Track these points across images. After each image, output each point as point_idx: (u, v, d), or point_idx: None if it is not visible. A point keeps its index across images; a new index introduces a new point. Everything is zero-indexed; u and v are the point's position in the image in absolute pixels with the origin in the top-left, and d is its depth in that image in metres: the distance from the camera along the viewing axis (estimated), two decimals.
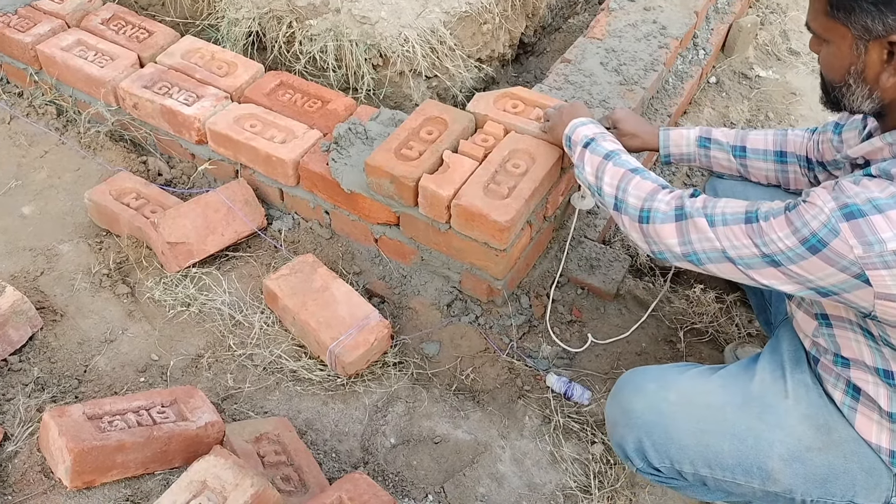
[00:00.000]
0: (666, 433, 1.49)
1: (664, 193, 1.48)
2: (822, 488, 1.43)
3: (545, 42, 3.20)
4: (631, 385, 1.56)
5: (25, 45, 2.51)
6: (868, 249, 1.17)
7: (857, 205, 1.19)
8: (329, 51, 2.48)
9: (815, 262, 1.23)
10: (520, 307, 2.12)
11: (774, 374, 1.52)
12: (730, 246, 1.35)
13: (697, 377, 1.55)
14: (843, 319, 1.40)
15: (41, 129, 2.55)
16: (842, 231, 1.19)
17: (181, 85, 2.36)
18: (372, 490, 1.56)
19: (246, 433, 1.73)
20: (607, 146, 1.65)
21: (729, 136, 1.80)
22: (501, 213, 1.85)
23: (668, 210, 1.45)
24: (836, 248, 1.20)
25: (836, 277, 1.23)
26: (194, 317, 2.07)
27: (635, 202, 1.50)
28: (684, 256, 1.43)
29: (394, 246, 2.16)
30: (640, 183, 1.52)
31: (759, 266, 1.32)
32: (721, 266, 1.39)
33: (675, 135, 1.85)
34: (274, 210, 2.34)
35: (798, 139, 1.74)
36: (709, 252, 1.39)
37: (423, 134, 2.05)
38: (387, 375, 1.99)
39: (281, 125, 2.23)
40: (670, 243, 1.44)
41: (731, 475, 1.47)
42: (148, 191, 2.27)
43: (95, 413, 1.61)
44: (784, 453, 1.43)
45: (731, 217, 1.36)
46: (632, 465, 1.57)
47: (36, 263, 2.17)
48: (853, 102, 1.32)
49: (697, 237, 1.40)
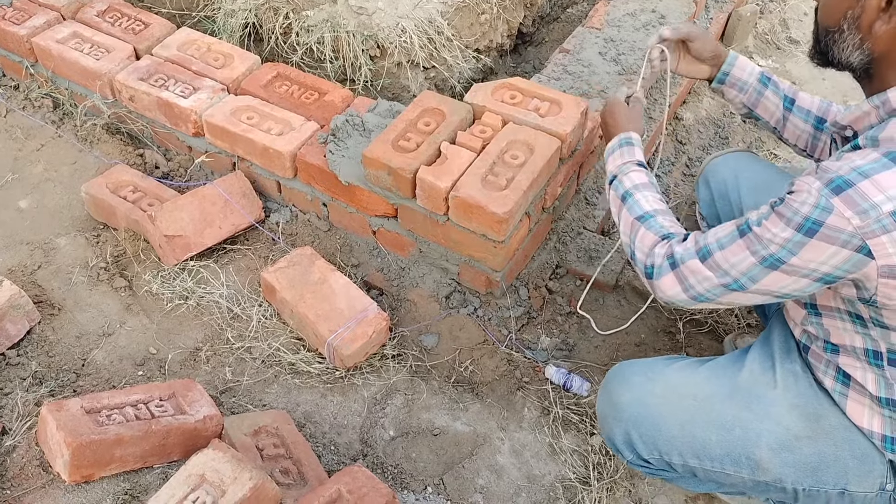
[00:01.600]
0: (653, 425, 1.50)
1: (660, 246, 1.47)
2: (814, 477, 1.43)
3: (543, 32, 3.19)
4: (618, 378, 1.58)
5: (21, 37, 2.49)
6: (865, 217, 1.16)
7: (842, 176, 1.19)
8: (326, 42, 2.46)
9: (814, 245, 1.21)
10: (518, 299, 2.11)
11: (764, 365, 1.53)
12: (730, 267, 1.33)
13: (684, 369, 1.56)
14: (832, 309, 1.40)
15: (37, 122, 2.54)
16: (835, 206, 1.18)
17: (177, 77, 2.35)
18: (371, 483, 1.56)
19: (244, 426, 1.73)
20: (626, 183, 1.61)
21: (786, 85, 1.81)
22: (499, 205, 1.84)
23: (663, 262, 1.44)
24: (832, 224, 1.19)
25: (839, 257, 1.21)
26: (192, 310, 2.07)
27: (641, 257, 1.50)
28: (694, 300, 1.41)
29: (392, 238, 2.15)
30: (644, 236, 1.51)
31: (763, 274, 1.29)
32: (730, 297, 1.37)
33: (743, 60, 1.82)
34: (271, 202, 2.33)
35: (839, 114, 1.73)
36: (711, 289, 1.37)
37: (420, 125, 2.04)
38: (385, 368, 1.99)
39: (278, 117, 2.22)
40: (675, 293, 1.43)
41: (719, 465, 1.48)
42: (145, 184, 2.26)
43: (93, 407, 1.61)
44: (772, 443, 1.44)
45: (727, 238, 1.34)
46: (622, 457, 1.58)
47: (33, 257, 2.17)
48: (843, 52, 1.33)
49: (696, 279, 1.38)
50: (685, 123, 2.85)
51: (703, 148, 2.82)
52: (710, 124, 2.89)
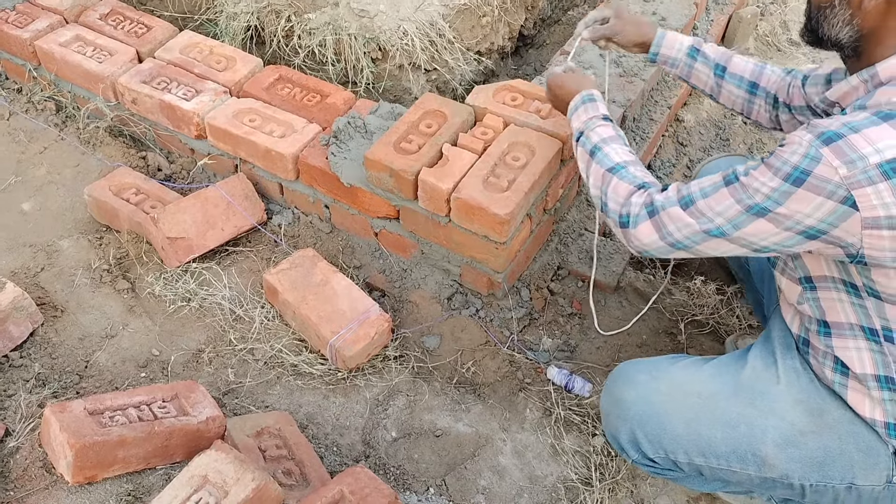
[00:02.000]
0: (658, 423, 1.50)
1: (637, 195, 1.48)
2: (820, 472, 1.43)
3: (545, 34, 3.19)
4: (623, 377, 1.58)
5: (24, 40, 2.50)
6: (852, 168, 1.19)
7: (834, 130, 1.22)
8: (328, 45, 2.47)
9: (801, 195, 1.23)
10: (520, 300, 2.12)
11: (766, 361, 1.53)
12: (714, 214, 1.34)
13: (688, 367, 1.56)
14: (825, 279, 1.40)
15: (40, 124, 2.55)
16: (824, 156, 1.21)
17: (180, 80, 2.35)
18: (373, 483, 1.56)
19: (247, 427, 1.73)
20: (594, 138, 1.62)
21: (717, 53, 1.84)
22: (501, 206, 1.84)
23: (641, 211, 1.45)
24: (820, 173, 1.21)
25: (824, 209, 1.22)
26: (195, 312, 2.07)
27: (615, 207, 1.51)
28: (671, 246, 1.43)
29: (394, 239, 2.16)
30: (618, 186, 1.52)
31: (748, 222, 1.31)
32: (710, 243, 1.38)
33: (671, 37, 1.87)
34: (274, 204, 2.34)
35: (773, 76, 1.78)
36: (692, 236, 1.39)
37: (422, 127, 2.05)
38: (387, 369, 1.99)
39: (280, 119, 2.23)
40: (651, 240, 1.44)
41: (725, 463, 1.48)
42: (147, 186, 2.27)
43: (96, 408, 1.61)
44: (777, 438, 1.44)
45: (710, 187, 1.36)
46: (627, 457, 1.58)
47: (36, 259, 2.17)
48: (833, 28, 1.36)
49: (675, 226, 1.40)
50: (686, 125, 2.85)
51: (704, 150, 2.82)
52: (711, 126, 2.89)
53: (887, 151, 1.19)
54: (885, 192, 1.19)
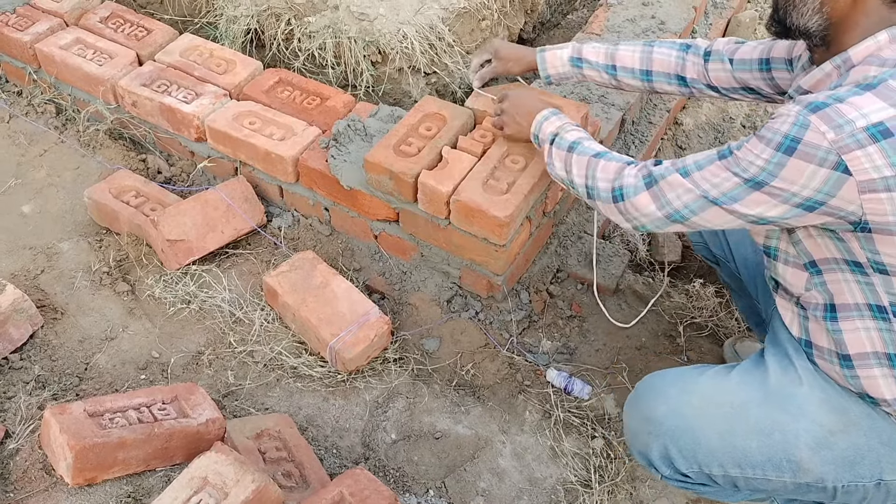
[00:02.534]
0: (693, 438, 1.46)
1: (630, 168, 1.51)
2: (852, 471, 1.41)
3: (544, 38, 3.20)
4: (651, 391, 1.53)
5: (24, 43, 2.50)
6: (839, 132, 1.21)
7: (820, 100, 1.25)
8: (328, 48, 2.48)
9: (794, 164, 1.25)
10: (520, 302, 2.12)
11: (783, 364, 1.51)
12: (710, 186, 1.36)
13: (716, 377, 1.52)
14: (829, 261, 1.39)
15: (40, 127, 2.55)
16: (812, 122, 1.23)
17: (180, 83, 2.36)
18: (373, 485, 1.56)
19: (247, 429, 1.73)
20: (570, 137, 1.68)
21: (599, 54, 1.90)
22: (500, 209, 1.85)
23: (637, 182, 1.47)
24: (809, 140, 1.23)
25: (819, 177, 1.24)
26: (195, 314, 2.07)
27: (605, 185, 1.53)
28: (668, 218, 1.44)
29: (393, 242, 2.16)
30: (606, 165, 1.55)
31: (744, 194, 1.32)
32: (707, 213, 1.39)
33: (550, 56, 1.94)
34: (273, 207, 2.34)
35: (666, 59, 1.84)
36: (690, 204, 1.40)
37: (422, 130, 2.06)
38: (387, 371, 1.99)
39: (280, 122, 2.23)
40: (649, 211, 1.46)
41: (761, 472, 1.45)
42: (147, 189, 2.27)
43: (96, 410, 1.61)
44: (811, 442, 1.42)
45: (705, 160, 1.38)
46: (657, 473, 1.53)
47: (36, 262, 2.17)
48: (802, 17, 1.37)
49: (674, 194, 1.41)
50: (685, 128, 2.86)
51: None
52: (710, 129, 2.90)
53: (873, 115, 1.21)
54: (875, 155, 1.21)
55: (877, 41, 1.30)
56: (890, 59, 1.28)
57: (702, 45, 1.83)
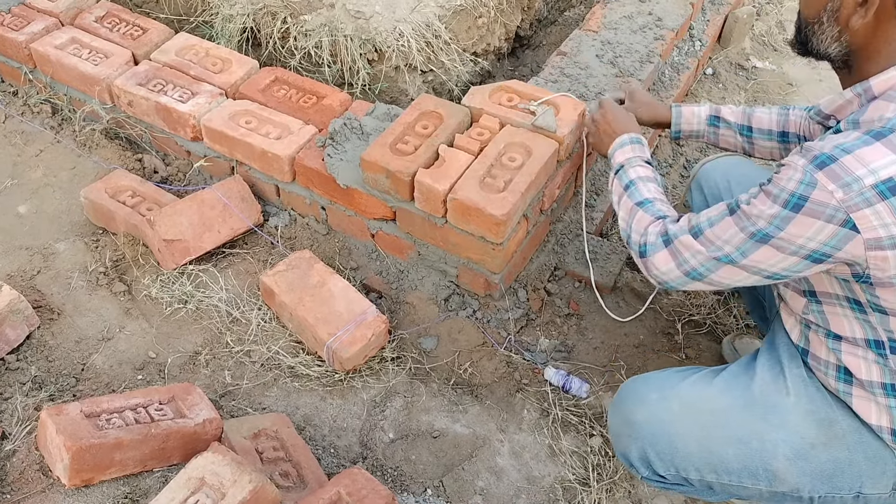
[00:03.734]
0: (670, 442, 1.48)
1: (653, 226, 1.52)
2: (829, 483, 1.42)
3: (541, 35, 3.20)
4: (633, 395, 1.55)
5: (19, 43, 2.50)
6: (848, 190, 1.19)
7: (826, 153, 1.22)
8: (324, 46, 2.47)
9: (801, 220, 1.24)
10: (517, 301, 2.12)
11: (773, 371, 1.51)
12: (721, 243, 1.36)
13: (698, 382, 1.54)
14: (830, 295, 1.40)
15: (36, 127, 2.54)
16: (819, 181, 1.21)
17: (176, 82, 2.35)
18: (371, 485, 1.56)
19: (244, 429, 1.73)
20: (631, 175, 1.68)
21: (737, 115, 1.88)
22: (497, 207, 1.84)
23: (657, 240, 1.49)
24: (817, 198, 1.21)
25: (826, 232, 1.23)
26: (191, 314, 2.07)
27: (637, 238, 1.55)
28: (686, 276, 1.45)
29: (390, 241, 2.16)
30: (641, 218, 1.57)
31: (752, 249, 1.32)
32: (722, 272, 1.39)
33: (687, 112, 1.93)
34: (270, 206, 2.34)
35: (799, 119, 1.80)
36: (704, 263, 1.40)
37: (418, 128, 2.05)
38: (385, 370, 1.99)
39: (276, 121, 2.23)
40: (668, 269, 1.47)
41: (737, 479, 1.46)
42: (144, 188, 2.27)
43: (93, 411, 1.61)
44: (788, 453, 1.42)
45: (717, 216, 1.38)
46: (637, 473, 1.56)
47: (32, 262, 2.17)
48: (821, 43, 1.37)
49: (690, 254, 1.42)
50: None
51: (701, 150, 2.82)
52: None
53: (882, 171, 1.19)
54: (883, 213, 1.19)
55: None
56: None
57: None
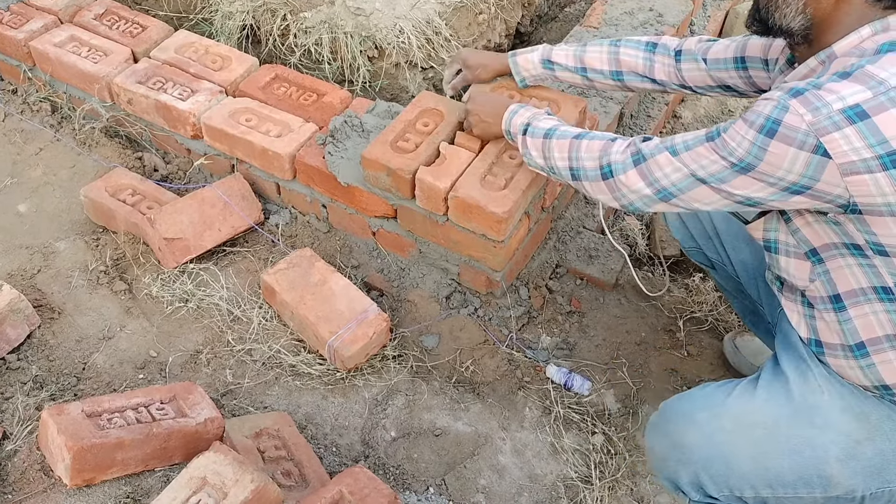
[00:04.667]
0: (725, 464, 1.42)
1: (617, 145, 1.51)
2: (879, 478, 1.39)
3: (541, 31, 3.19)
4: (680, 416, 1.48)
5: (18, 41, 2.49)
6: (816, 114, 1.22)
7: (800, 86, 1.26)
8: (324, 43, 2.46)
9: (775, 147, 1.26)
10: (519, 299, 2.11)
11: (801, 369, 1.47)
12: (698, 167, 1.37)
13: (743, 395, 1.48)
14: (829, 247, 1.38)
15: (36, 126, 2.54)
16: (791, 105, 1.24)
17: (175, 80, 2.34)
18: (373, 484, 1.56)
19: (246, 428, 1.72)
20: (543, 125, 1.68)
21: (569, 57, 1.92)
22: (499, 205, 1.84)
23: (626, 158, 1.47)
24: (788, 122, 1.24)
25: (800, 161, 1.24)
26: (192, 313, 2.06)
27: (591, 164, 1.53)
28: (656, 195, 1.45)
29: (392, 239, 2.15)
30: (590, 144, 1.55)
31: (732, 177, 1.33)
32: (695, 192, 1.40)
33: (522, 59, 1.98)
34: (271, 205, 2.33)
35: (633, 60, 1.85)
36: (678, 183, 1.41)
37: (419, 126, 2.04)
38: (386, 369, 1.98)
39: (276, 119, 2.22)
40: (638, 188, 1.46)
41: (792, 491, 1.42)
42: (144, 187, 2.26)
43: (94, 411, 1.61)
44: (839, 454, 1.38)
45: (693, 141, 1.39)
46: (686, 498, 1.50)
47: (32, 261, 2.16)
48: (784, 17, 1.38)
49: (662, 172, 1.42)
50: (683, 122, 2.85)
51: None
52: (709, 122, 2.89)
53: (850, 98, 1.22)
54: (852, 137, 1.21)
55: (860, 35, 1.31)
56: (869, 48, 1.30)
57: (670, 43, 1.82)
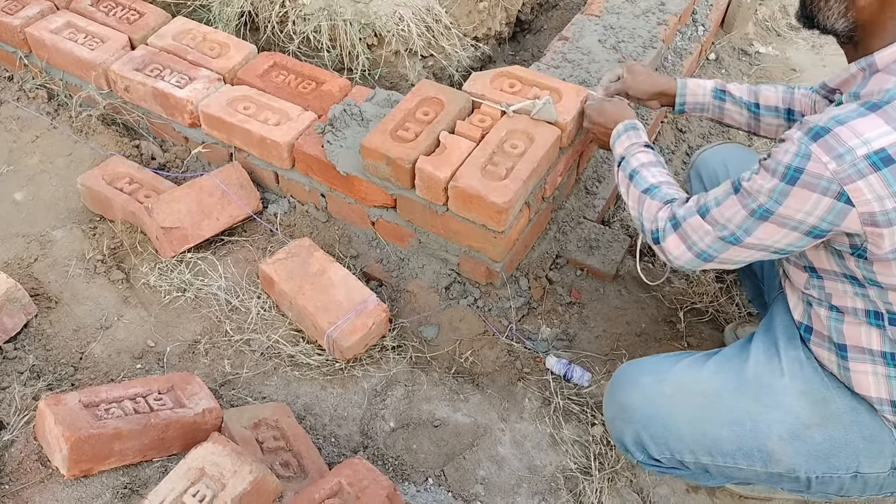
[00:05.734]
0: (664, 426, 1.49)
1: (662, 211, 1.53)
2: (826, 463, 1.43)
3: (542, 19, 3.16)
4: (626, 379, 1.57)
5: (14, 27, 2.46)
6: (841, 162, 1.20)
7: (820, 125, 1.24)
8: (323, 31, 2.44)
9: (798, 193, 1.25)
10: (519, 289, 2.10)
11: (769, 353, 1.53)
12: (725, 221, 1.37)
13: (691, 365, 1.55)
14: (828, 271, 1.42)
15: (32, 113, 2.51)
16: (813, 153, 1.22)
17: (173, 67, 2.32)
18: (371, 475, 1.55)
19: (244, 419, 1.72)
20: (633, 163, 1.67)
21: (742, 91, 1.87)
22: (499, 195, 1.82)
23: (666, 225, 1.50)
24: (811, 170, 1.23)
25: (822, 206, 1.24)
26: (190, 302, 2.05)
27: (649, 226, 1.55)
28: (698, 258, 1.46)
29: (391, 229, 2.14)
30: (650, 204, 1.57)
31: (755, 226, 1.33)
32: (730, 252, 1.41)
33: (693, 84, 1.91)
34: (269, 193, 2.32)
35: (804, 99, 1.79)
36: (712, 244, 1.42)
37: (419, 115, 2.02)
38: (385, 359, 1.98)
39: (275, 107, 2.20)
40: (680, 252, 1.48)
41: (731, 461, 1.47)
42: (141, 175, 2.24)
43: (92, 401, 1.60)
44: (783, 433, 1.43)
45: (723, 195, 1.39)
46: (632, 458, 1.58)
47: (29, 250, 2.15)
48: (828, 18, 1.38)
49: (697, 236, 1.43)
50: None
51: (704, 136, 2.80)
52: None
53: (875, 142, 1.20)
54: (876, 185, 1.20)
55: None
56: None
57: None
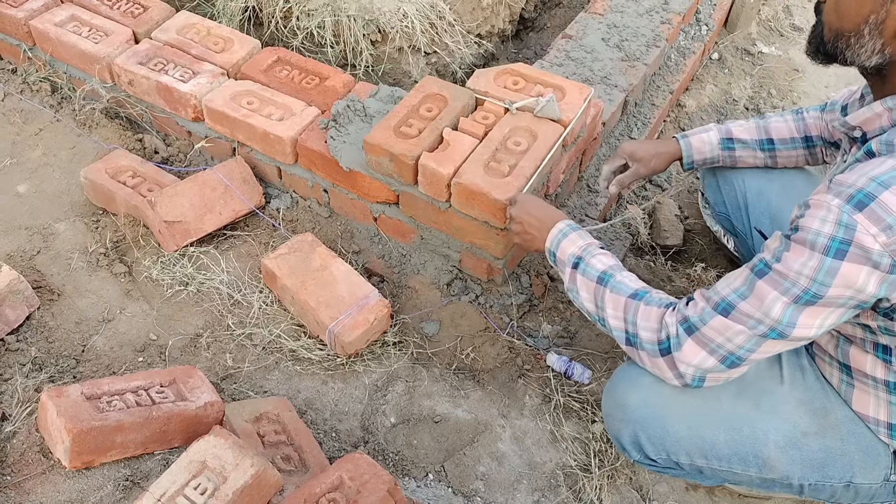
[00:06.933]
0: (661, 426, 1.47)
1: (668, 316, 1.37)
2: (820, 472, 1.43)
3: (546, 17, 3.16)
4: (626, 379, 1.53)
5: (18, 20, 2.46)
6: (890, 234, 1.11)
7: (863, 190, 1.13)
8: (327, 26, 2.44)
9: (847, 268, 1.13)
10: (520, 286, 2.11)
11: (770, 359, 1.50)
12: (762, 316, 1.23)
13: None
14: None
15: (35, 106, 2.52)
16: (858, 223, 1.11)
17: (177, 61, 2.32)
18: (372, 469, 1.55)
19: (245, 413, 1.72)
20: (598, 266, 1.49)
21: (751, 131, 1.78)
22: (502, 192, 1.83)
23: (679, 331, 1.34)
24: (859, 241, 1.12)
25: (874, 279, 1.14)
26: (192, 296, 2.06)
27: (650, 336, 1.39)
28: (723, 363, 1.31)
29: (393, 225, 2.14)
30: (647, 311, 1.40)
31: (799, 313, 1.20)
32: (766, 346, 1.28)
33: (697, 141, 1.84)
34: (272, 188, 2.32)
35: (817, 122, 1.74)
36: (745, 344, 1.28)
37: (422, 111, 2.03)
38: (386, 355, 1.98)
39: (278, 102, 2.20)
40: (699, 360, 1.33)
41: (727, 465, 1.47)
42: (144, 169, 2.25)
43: (94, 393, 1.60)
44: (780, 441, 1.43)
45: (745, 286, 1.25)
46: (629, 457, 1.58)
47: (32, 242, 2.15)
48: (858, 55, 1.24)
49: (724, 338, 1.29)
50: (688, 111, 2.83)
51: None
52: (713, 111, 2.87)
53: None
54: None
55: None
56: None
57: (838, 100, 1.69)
